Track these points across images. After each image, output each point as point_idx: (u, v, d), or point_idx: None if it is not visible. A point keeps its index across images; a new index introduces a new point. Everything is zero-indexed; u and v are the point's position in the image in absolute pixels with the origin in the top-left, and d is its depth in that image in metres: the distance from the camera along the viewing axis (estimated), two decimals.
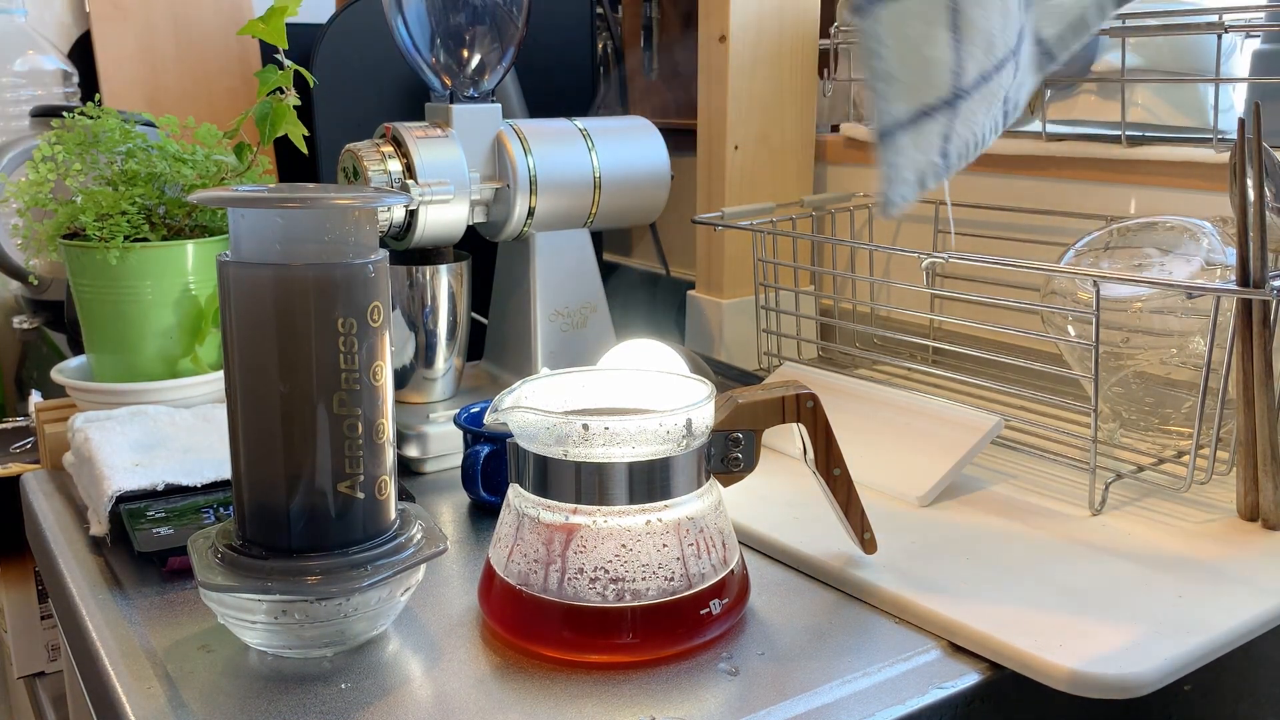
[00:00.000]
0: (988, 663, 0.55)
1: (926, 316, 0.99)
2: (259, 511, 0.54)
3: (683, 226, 1.25)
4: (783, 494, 0.73)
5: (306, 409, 0.53)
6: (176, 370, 0.82)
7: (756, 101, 1.05)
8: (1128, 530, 0.67)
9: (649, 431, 0.53)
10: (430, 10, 0.85)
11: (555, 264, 0.91)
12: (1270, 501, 0.67)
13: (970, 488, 0.74)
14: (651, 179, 0.93)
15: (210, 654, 0.56)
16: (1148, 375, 0.77)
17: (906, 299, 1.05)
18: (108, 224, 0.79)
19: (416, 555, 0.55)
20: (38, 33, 1.35)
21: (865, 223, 1.06)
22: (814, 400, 0.60)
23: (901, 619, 0.59)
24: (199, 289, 0.82)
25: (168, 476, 0.68)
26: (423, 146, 0.83)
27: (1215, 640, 0.55)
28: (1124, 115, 0.87)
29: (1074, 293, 0.78)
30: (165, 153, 0.83)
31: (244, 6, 1.30)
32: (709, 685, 0.52)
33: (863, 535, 0.62)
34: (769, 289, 1.00)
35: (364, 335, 0.53)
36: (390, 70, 1.06)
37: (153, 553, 0.63)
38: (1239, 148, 0.67)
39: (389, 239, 0.86)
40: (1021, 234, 0.94)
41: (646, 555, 0.54)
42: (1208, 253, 0.74)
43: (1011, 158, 0.95)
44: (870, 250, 1.04)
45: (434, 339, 0.88)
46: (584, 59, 1.21)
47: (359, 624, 0.55)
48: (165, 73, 1.25)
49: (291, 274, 0.52)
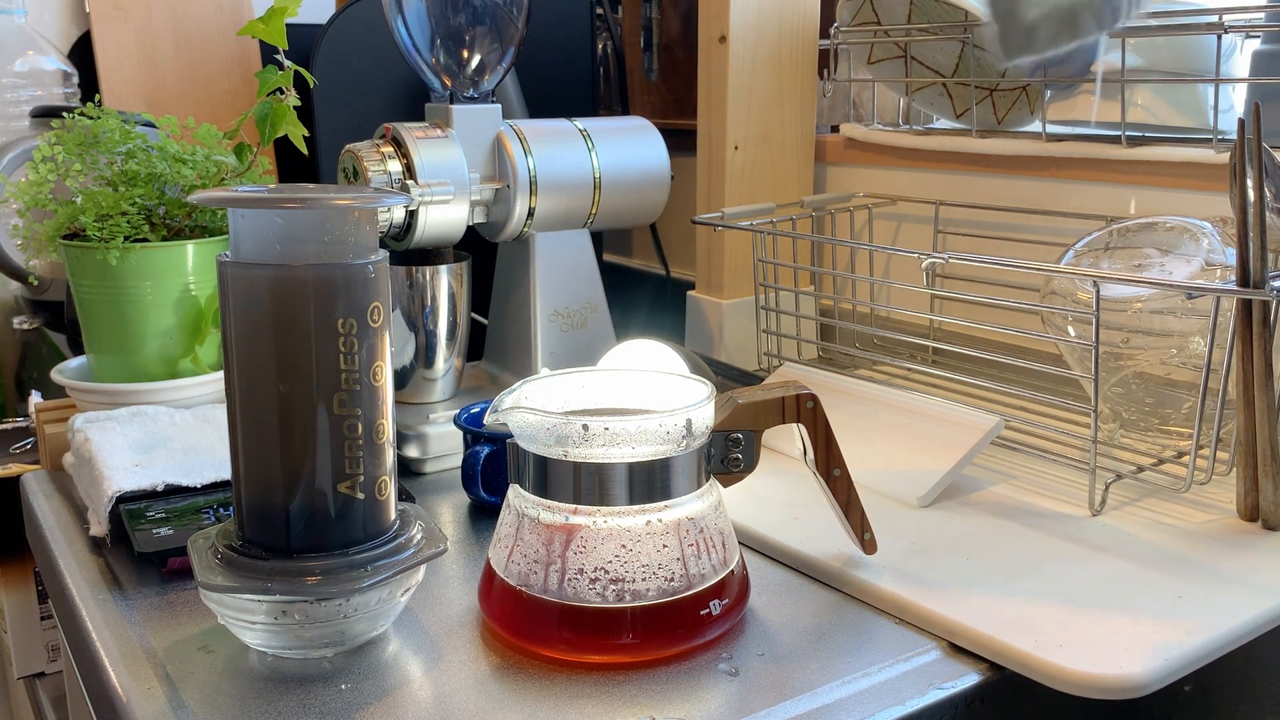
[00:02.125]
0: (988, 663, 0.55)
1: (926, 317, 0.99)
2: (259, 512, 0.54)
3: (683, 226, 1.25)
4: (783, 494, 0.73)
5: (306, 409, 0.53)
6: (176, 370, 0.82)
7: (756, 101, 1.05)
8: (1128, 530, 0.67)
9: (649, 432, 0.53)
10: (430, 10, 0.85)
11: (555, 264, 0.91)
12: (1270, 501, 0.67)
13: (970, 488, 0.74)
14: (651, 179, 0.93)
15: (210, 654, 0.56)
16: (1148, 375, 0.77)
17: (906, 299, 1.05)
18: (108, 224, 0.79)
19: (416, 556, 0.55)
20: (38, 33, 1.35)
21: (865, 223, 1.06)
22: (814, 400, 0.60)
23: (901, 619, 0.59)
24: (199, 289, 0.82)
25: (168, 477, 0.69)
26: (423, 147, 0.83)
27: (1215, 640, 0.55)
28: (1124, 115, 0.87)
29: (1074, 293, 0.78)
30: (165, 153, 0.83)
31: (244, 6, 1.30)
32: (709, 685, 0.52)
33: (863, 535, 0.62)
34: (769, 289, 1.00)
35: (364, 335, 0.53)
36: (390, 70, 1.06)
37: (153, 553, 0.63)
38: (1239, 148, 0.67)
39: (389, 239, 0.86)
40: (1021, 234, 0.94)
41: (646, 556, 0.54)
42: (1208, 253, 0.74)
43: (1011, 158, 0.95)
44: (870, 250, 1.04)
45: (434, 339, 0.88)
46: (584, 59, 1.21)
47: (359, 624, 0.55)
48: (165, 73, 1.25)
49: (291, 274, 0.52)
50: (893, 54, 1.04)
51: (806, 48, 1.07)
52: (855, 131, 1.08)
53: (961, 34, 0.96)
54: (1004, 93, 1.00)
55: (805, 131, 1.09)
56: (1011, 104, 1.00)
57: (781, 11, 1.04)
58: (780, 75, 1.06)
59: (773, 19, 1.04)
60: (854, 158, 1.10)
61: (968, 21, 0.92)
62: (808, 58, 1.08)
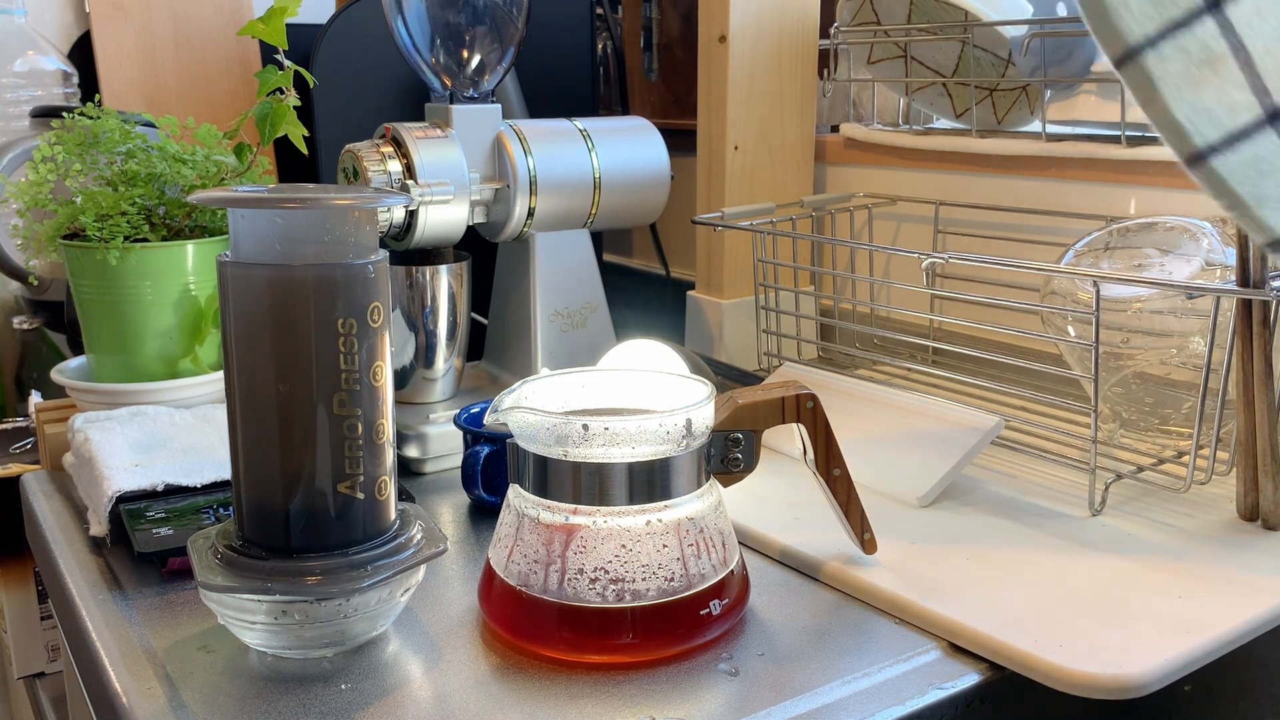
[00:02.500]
0: (988, 663, 0.55)
1: (926, 317, 0.99)
2: (259, 512, 0.54)
3: (683, 226, 1.25)
4: (783, 494, 0.73)
5: (306, 409, 0.53)
6: (176, 370, 0.82)
7: (756, 101, 1.05)
8: (1128, 530, 0.67)
9: (649, 432, 0.53)
10: (430, 11, 0.85)
11: (555, 264, 0.91)
12: (1270, 501, 0.67)
13: (970, 488, 0.74)
14: (651, 179, 0.93)
15: (210, 654, 0.56)
16: (1148, 375, 0.77)
17: (906, 299, 1.05)
18: (107, 224, 0.79)
19: (416, 556, 0.55)
20: (38, 33, 1.35)
21: (865, 223, 1.06)
22: (814, 400, 0.60)
23: (901, 619, 0.59)
24: (199, 289, 0.82)
25: (167, 477, 0.68)
26: (423, 147, 0.83)
27: (1215, 640, 0.55)
28: (1124, 115, 0.87)
29: (1074, 293, 0.78)
30: (165, 153, 0.83)
31: (244, 6, 1.30)
32: (709, 685, 0.52)
33: (863, 535, 0.62)
34: (769, 289, 1.00)
35: (364, 335, 0.53)
36: (390, 70, 1.06)
37: (153, 553, 0.63)
38: None
39: (389, 239, 0.86)
40: (1021, 234, 0.94)
41: (646, 556, 0.54)
42: (1207, 253, 0.74)
43: (1011, 158, 0.95)
44: (870, 250, 1.04)
45: (434, 339, 0.88)
46: (584, 59, 1.21)
47: (359, 624, 0.55)
48: (165, 73, 1.25)
49: (291, 274, 0.52)
50: (893, 54, 1.04)
51: (806, 48, 1.07)
52: (855, 131, 1.08)
53: (961, 34, 0.96)
54: (1004, 93, 1.00)
55: (805, 131, 1.09)
56: (1011, 104, 1.00)
57: (781, 11, 1.04)
58: (780, 75, 1.06)
59: (773, 19, 1.04)
60: (854, 158, 1.10)
61: (968, 21, 0.92)
62: (808, 58, 1.08)
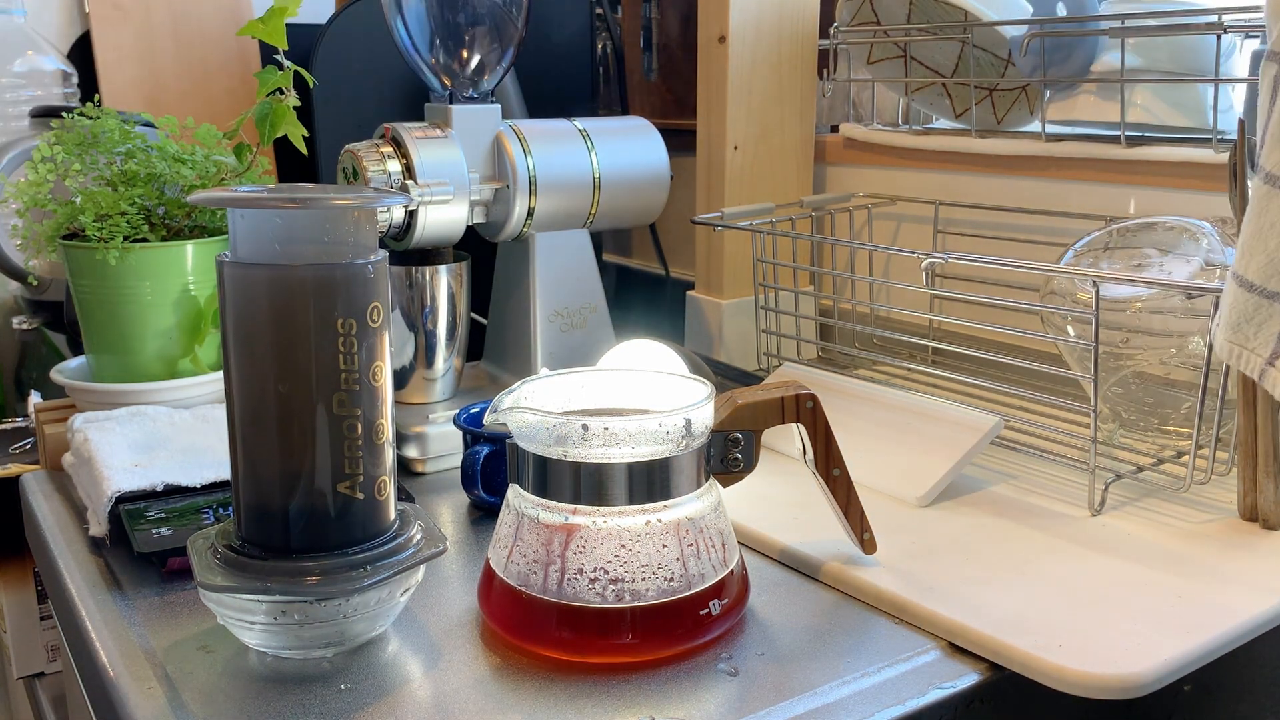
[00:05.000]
0: (988, 663, 0.55)
1: (926, 317, 0.99)
2: (258, 512, 0.54)
3: (683, 226, 1.25)
4: (783, 494, 0.73)
5: (306, 409, 0.53)
6: (176, 371, 0.82)
7: (756, 101, 1.05)
8: (1128, 530, 0.67)
9: (649, 432, 0.53)
10: (430, 11, 0.85)
11: (555, 264, 0.91)
12: (1270, 501, 0.67)
13: (970, 488, 0.74)
14: (651, 179, 0.93)
15: (210, 654, 0.56)
16: (1147, 375, 0.77)
17: (906, 299, 1.05)
18: (107, 224, 0.79)
19: (416, 556, 0.55)
20: (37, 33, 1.35)
21: (865, 223, 1.06)
22: (814, 400, 0.60)
23: (901, 619, 0.59)
24: (198, 289, 0.82)
25: (167, 477, 0.68)
26: (422, 147, 0.83)
27: (1215, 640, 0.55)
28: (1123, 115, 0.87)
29: (1073, 293, 0.78)
30: (165, 153, 0.83)
31: (244, 6, 1.30)
32: (709, 685, 0.52)
33: (862, 535, 0.62)
34: (769, 289, 1.00)
35: (364, 336, 0.53)
36: (390, 70, 1.06)
37: (152, 553, 0.63)
38: (1239, 148, 0.67)
39: (389, 239, 0.86)
40: (1021, 234, 0.94)
41: (646, 556, 0.54)
42: (1207, 253, 0.74)
43: (1011, 158, 0.95)
44: (870, 250, 1.04)
45: (433, 339, 0.88)
46: (584, 59, 1.21)
47: (359, 624, 0.55)
48: (165, 73, 1.25)
49: (291, 274, 0.52)
50: (892, 54, 1.04)
51: (806, 48, 1.07)
52: (855, 131, 1.08)
53: (961, 34, 0.96)
54: (1003, 93, 1.00)
55: (805, 131, 1.09)
56: (1011, 104, 1.00)
57: (781, 11, 1.04)
58: (780, 75, 1.06)
59: (772, 19, 1.04)
60: (854, 158, 1.10)
61: (968, 22, 0.92)
62: (807, 58, 1.08)
